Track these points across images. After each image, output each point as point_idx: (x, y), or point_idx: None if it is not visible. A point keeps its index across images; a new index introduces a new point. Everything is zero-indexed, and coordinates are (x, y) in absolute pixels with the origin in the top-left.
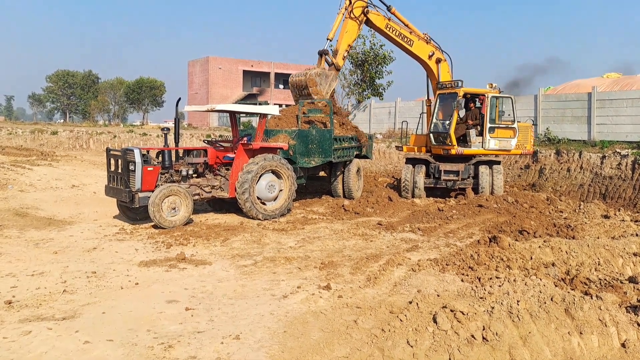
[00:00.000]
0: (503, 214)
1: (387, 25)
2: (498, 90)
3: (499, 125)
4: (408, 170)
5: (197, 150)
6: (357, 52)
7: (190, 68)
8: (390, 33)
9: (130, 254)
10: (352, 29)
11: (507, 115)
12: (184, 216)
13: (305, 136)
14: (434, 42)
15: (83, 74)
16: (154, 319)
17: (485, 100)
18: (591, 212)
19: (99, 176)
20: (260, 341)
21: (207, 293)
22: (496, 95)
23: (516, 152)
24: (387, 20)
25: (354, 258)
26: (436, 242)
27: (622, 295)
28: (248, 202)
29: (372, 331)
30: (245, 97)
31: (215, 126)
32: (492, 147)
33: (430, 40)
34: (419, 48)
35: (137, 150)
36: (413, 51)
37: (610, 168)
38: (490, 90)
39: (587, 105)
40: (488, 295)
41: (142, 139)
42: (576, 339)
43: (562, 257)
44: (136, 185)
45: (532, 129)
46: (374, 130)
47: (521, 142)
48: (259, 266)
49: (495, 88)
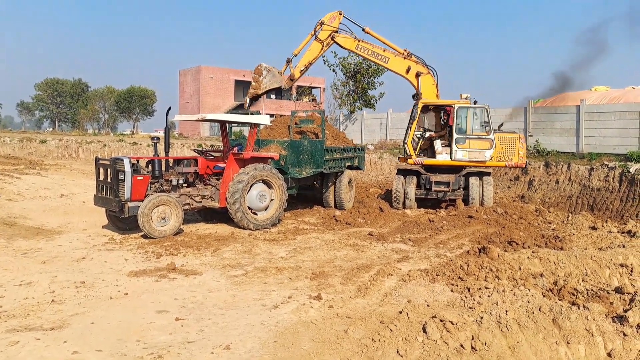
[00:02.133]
0: (492, 225)
1: (357, 47)
2: (469, 101)
3: (468, 136)
4: (399, 181)
5: (188, 159)
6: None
7: (182, 77)
8: (362, 53)
9: (119, 264)
10: (314, 49)
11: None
12: (174, 226)
13: (296, 146)
14: (415, 57)
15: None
16: (144, 329)
17: (452, 111)
18: (579, 224)
19: (88, 185)
20: (251, 351)
21: (198, 303)
22: (465, 106)
23: (497, 164)
24: (357, 42)
25: (345, 268)
26: (427, 252)
27: (608, 305)
28: (239, 212)
29: (362, 341)
30: (237, 107)
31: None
32: (460, 158)
33: (410, 55)
34: (394, 64)
35: (127, 159)
36: (389, 67)
37: (598, 180)
38: (457, 101)
39: (575, 117)
40: (477, 306)
41: (132, 148)
42: (563, 348)
43: (550, 267)
44: (126, 195)
45: (522, 140)
46: (365, 141)
47: (505, 154)
48: (250, 276)
49: (468, 99)
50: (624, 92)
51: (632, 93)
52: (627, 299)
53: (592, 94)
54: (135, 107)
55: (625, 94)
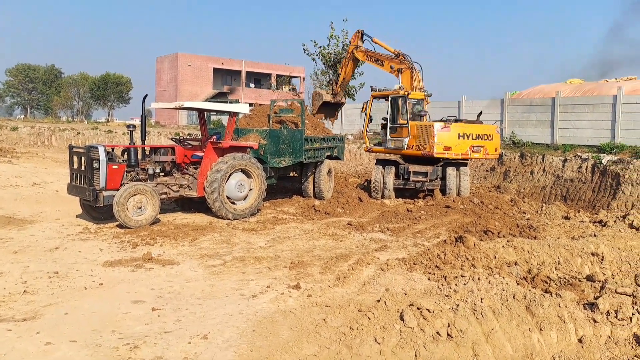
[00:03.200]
0: (469, 215)
1: (366, 57)
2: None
3: (395, 125)
4: (378, 171)
5: (165, 148)
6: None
7: (159, 64)
8: (368, 60)
9: (94, 254)
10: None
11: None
12: (151, 215)
13: (276, 136)
14: (403, 56)
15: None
16: (119, 320)
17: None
18: (552, 213)
19: (61, 174)
20: (229, 341)
21: (175, 293)
22: (396, 96)
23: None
24: (366, 52)
25: (323, 258)
26: (404, 242)
27: (580, 293)
28: (217, 202)
29: (340, 329)
30: (216, 95)
31: (184, 124)
32: (390, 146)
33: (398, 55)
34: (386, 65)
35: (102, 147)
36: (382, 69)
37: (571, 171)
38: (391, 92)
39: (550, 110)
40: (453, 294)
41: (107, 137)
42: (536, 335)
43: (525, 256)
44: (100, 184)
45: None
46: (345, 131)
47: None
48: (228, 266)
49: (401, 88)
50: (598, 85)
51: (605, 86)
52: (598, 286)
53: (567, 87)
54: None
55: (598, 86)
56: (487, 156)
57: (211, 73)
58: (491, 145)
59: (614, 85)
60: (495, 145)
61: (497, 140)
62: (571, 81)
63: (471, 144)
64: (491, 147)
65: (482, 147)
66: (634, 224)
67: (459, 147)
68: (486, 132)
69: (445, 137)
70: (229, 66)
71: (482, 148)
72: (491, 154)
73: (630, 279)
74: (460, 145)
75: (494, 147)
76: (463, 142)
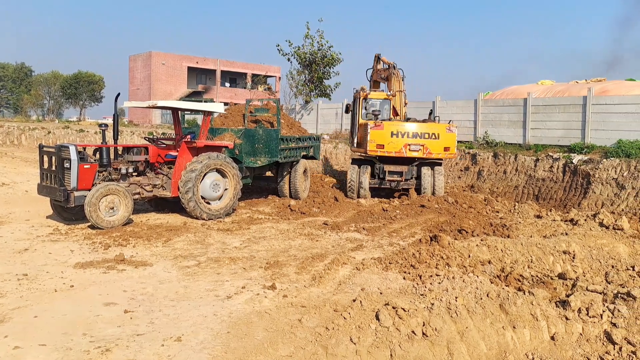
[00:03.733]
0: (444, 214)
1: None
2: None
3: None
4: (354, 170)
5: (138, 147)
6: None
7: (132, 63)
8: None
9: (65, 256)
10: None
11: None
12: (123, 216)
13: (251, 135)
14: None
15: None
16: (90, 322)
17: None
18: (525, 212)
19: (31, 174)
20: (203, 342)
21: (148, 295)
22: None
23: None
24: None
25: (299, 258)
26: (380, 241)
27: (552, 290)
28: (192, 202)
29: (316, 330)
30: (190, 95)
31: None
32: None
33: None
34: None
35: (73, 147)
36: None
37: (543, 170)
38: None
39: (522, 110)
40: (428, 292)
41: (79, 136)
42: (510, 333)
43: (498, 255)
44: (72, 184)
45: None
46: (321, 131)
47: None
48: (203, 267)
49: (364, 90)
50: (568, 86)
51: (575, 87)
52: (570, 284)
53: (539, 88)
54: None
55: (569, 87)
56: (429, 155)
57: (185, 72)
58: (435, 144)
59: (584, 87)
60: (443, 144)
61: (448, 140)
62: (543, 82)
63: (406, 142)
64: (435, 146)
65: (421, 146)
66: (604, 223)
67: (392, 145)
68: (428, 131)
69: (378, 135)
70: (203, 65)
71: (422, 147)
72: (436, 153)
73: (600, 276)
74: (394, 143)
75: (442, 146)
76: (397, 140)
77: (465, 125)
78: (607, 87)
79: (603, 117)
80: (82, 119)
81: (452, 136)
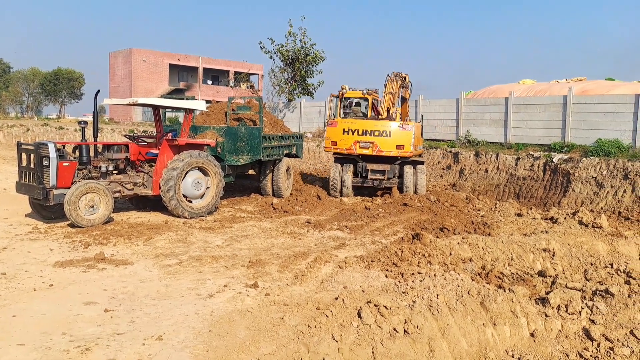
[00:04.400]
0: (426, 212)
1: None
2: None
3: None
4: (336, 169)
5: (118, 145)
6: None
7: (112, 60)
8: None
9: (44, 254)
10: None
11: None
12: (104, 214)
13: (234, 133)
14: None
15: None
16: (70, 322)
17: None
18: (506, 211)
19: (9, 172)
20: (184, 341)
21: (128, 294)
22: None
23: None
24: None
25: (282, 256)
26: (362, 239)
27: (532, 288)
28: (173, 200)
29: (298, 328)
30: (172, 92)
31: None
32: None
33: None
34: None
35: (52, 144)
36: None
37: (523, 169)
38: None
39: (504, 109)
40: (410, 290)
41: (59, 133)
42: (490, 329)
43: (479, 252)
44: (51, 182)
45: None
46: (304, 129)
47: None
48: (185, 265)
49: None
50: (549, 85)
51: (556, 86)
52: (549, 281)
53: (520, 87)
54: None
55: (550, 87)
56: (380, 152)
57: (167, 69)
58: (386, 141)
59: (564, 86)
60: (395, 142)
61: (401, 137)
62: (524, 81)
63: (355, 139)
64: (386, 143)
65: (370, 143)
66: (583, 221)
67: (344, 142)
68: (378, 129)
69: (332, 132)
70: (185, 62)
71: (371, 144)
72: (387, 150)
73: (579, 274)
74: (345, 140)
75: (394, 144)
76: (347, 138)
77: (447, 124)
78: (587, 87)
79: (583, 116)
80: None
81: (406, 134)
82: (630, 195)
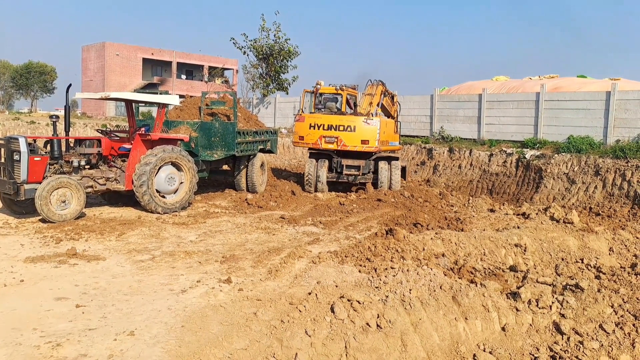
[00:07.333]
0: (400, 208)
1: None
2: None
3: None
4: (311, 164)
5: (90, 140)
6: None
7: (85, 53)
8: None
9: (15, 250)
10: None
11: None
12: (76, 210)
13: (207, 128)
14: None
15: None
16: (41, 317)
17: None
18: (479, 206)
19: None
20: (157, 337)
21: (100, 289)
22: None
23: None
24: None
25: (256, 251)
26: (337, 235)
27: (503, 282)
28: (146, 195)
29: (271, 323)
30: (146, 87)
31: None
32: None
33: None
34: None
35: (23, 138)
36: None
37: (496, 165)
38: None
39: (477, 106)
40: (383, 285)
41: (30, 127)
42: (462, 324)
43: (452, 248)
44: (21, 177)
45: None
46: (279, 124)
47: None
48: (157, 261)
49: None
50: (522, 82)
51: (529, 83)
52: (520, 276)
53: (493, 84)
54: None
55: (522, 84)
56: (344, 147)
57: (140, 63)
58: (350, 136)
59: (536, 83)
60: (360, 137)
61: (366, 132)
62: (497, 78)
63: (321, 134)
64: (350, 138)
65: (335, 138)
66: (554, 216)
67: (310, 137)
68: (343, 124)
69: (300, 127)
70: (159, 57)
71: (336, 139)
72: (351, 145)
73: (550, 269)
74: (311, 135)
75: (358, 139)
76: (313, 132)
77: (421, 120)
78: (559, 84)
79: (555, 113)
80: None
81: (371, 129)
82: (601, 191)
